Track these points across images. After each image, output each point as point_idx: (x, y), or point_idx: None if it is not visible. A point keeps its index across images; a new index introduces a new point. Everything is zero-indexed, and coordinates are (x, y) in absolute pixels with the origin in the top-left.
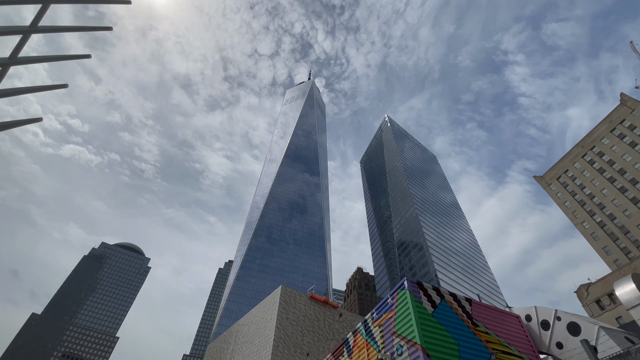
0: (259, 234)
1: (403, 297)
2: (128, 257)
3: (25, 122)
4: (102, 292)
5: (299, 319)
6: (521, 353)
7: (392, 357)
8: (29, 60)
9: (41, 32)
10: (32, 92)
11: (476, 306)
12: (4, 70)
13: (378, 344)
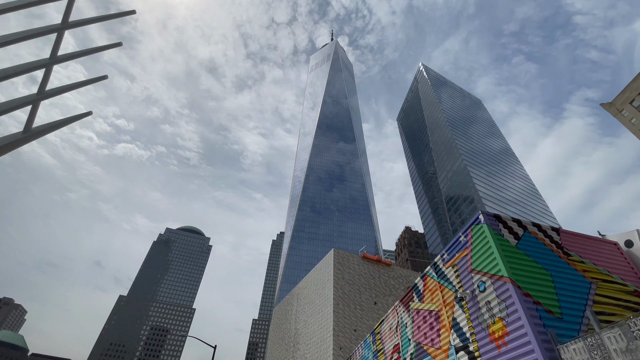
0: (304, 206)
1: (480, 233)
2: (191, 238)
3: (78, 117)
4: (174, 271)
5: (354, 278)
6: (625, 280)
7: (474, 294)
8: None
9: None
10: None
11: (565, 235)
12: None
13: (454, 284)
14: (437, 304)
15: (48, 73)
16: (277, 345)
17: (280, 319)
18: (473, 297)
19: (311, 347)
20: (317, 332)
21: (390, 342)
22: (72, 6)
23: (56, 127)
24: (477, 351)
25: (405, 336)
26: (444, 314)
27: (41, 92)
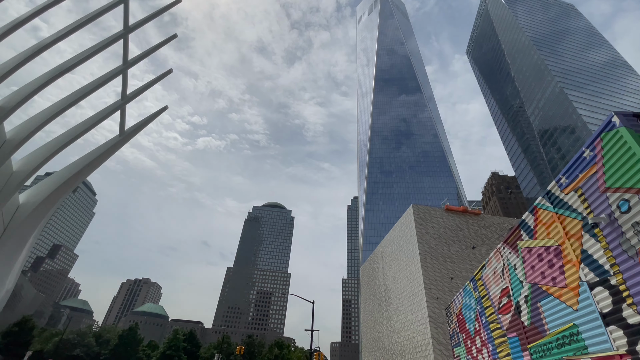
0: (373, 169)
1: (615, 140)
2: (275, 213)
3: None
4: (266, 242)
5: (439, 232)
6: None
7: (612, 218)
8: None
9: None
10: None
11: None
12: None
13: (579, 211)
14: (556, 238)
15: (125, 78)
16: (370, 300)
17: (368, 277)
18: (611, 221)
19: (404, 301)
20: (407, 286)
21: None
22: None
23: (143, 125)
24: (623, 284)
25: (515, 278)
26: (568, 248)
27: (124, 97)
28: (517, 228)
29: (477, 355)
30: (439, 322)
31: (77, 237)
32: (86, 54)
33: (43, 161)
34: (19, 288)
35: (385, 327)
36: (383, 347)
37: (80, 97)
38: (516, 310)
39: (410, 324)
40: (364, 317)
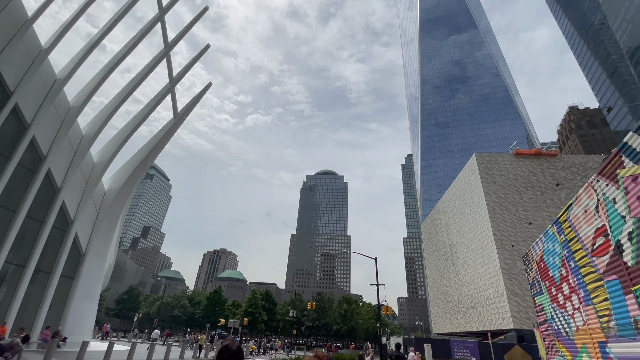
0: (427, 122)
1: None
2: (328, 180)
3: (202, 92)
4: (323, 208)
5: (509, 179)
6: None
7: None
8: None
9: (167, 12)
10: (192, 66)
11: None
12: (169, 60)
13: None
14: None
15: (169, 61)
16: (434, 256)
17: (430, 233)
18: None
19: (471, 254)
20: (475, 239)
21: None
22: None
23: (192, 104)
24: None
25: (614, 214)
26: None
27: (172, 80)
28: (616, 154)
29: (564, 303)
30: (512, 274)
31: (161, 218)
32: (130, 44)
33: (116, 151)
34: (123, 263)
35: (453, 281)
36: (452, 300)
37: (134, 87)
38: (616, 251)
39: (480, 277)
40: (429, 272)
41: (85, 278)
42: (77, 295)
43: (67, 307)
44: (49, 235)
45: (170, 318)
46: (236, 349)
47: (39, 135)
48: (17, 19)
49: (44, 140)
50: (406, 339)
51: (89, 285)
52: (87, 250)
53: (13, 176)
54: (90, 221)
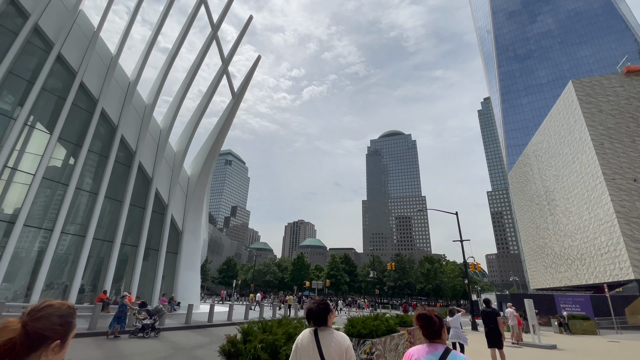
0: (504, 57)
1: None
2: (394, 141)
3: (254, 66)
4: (393, 171)
5: (619, 105)
6: None
7: None
8: (221, 18)
9: None
10: (240, 42)
11: None
12: (218, 40)
13: None
14: None
15: (218, 42)
16: (527, 207)
17: (519, 182)
18: None
19: (574, 200)
20: (578, 183)
21: None
22: None
23: (247, 81)
24: None
25: None
26: None
27: (224, 60)
28: None
29: None
30: (631, 217)
31: (244, 198)
32: (182, 34)
33: (190, 138)
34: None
35: (552, 233)
36: (552, 253)
37: (192, 76)
38: None
39: (587, 225)
40: (521, 225)
41: (185, 252)
42: (182, 267)
43: (176, 278)
44: (151, 218)
45: (263, 283)
46: (323, 302)
47: (126, 133)
48: (86, 30)
49: (131, 138)
50: (500, 295)
51: (190, 258)
52: (183, 228)
53: (113, 172)
54: (181, 203)
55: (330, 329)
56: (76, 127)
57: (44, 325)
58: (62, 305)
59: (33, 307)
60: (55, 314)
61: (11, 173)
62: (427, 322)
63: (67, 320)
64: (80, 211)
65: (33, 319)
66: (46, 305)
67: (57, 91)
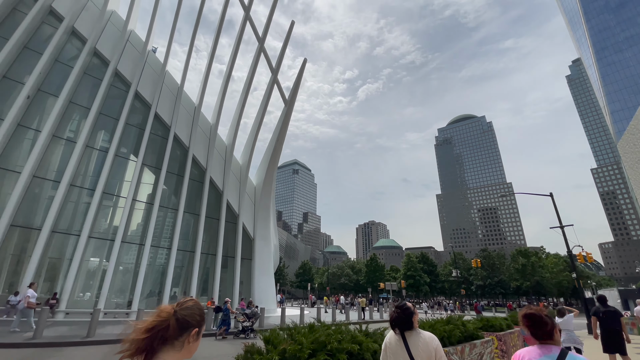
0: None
1: None
2: (465, 126)
3: (302, 70)
4: (468, 159)
5: None
6: None
7: None
8: (265, 31)
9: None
10: (286, 47)
11: None
12: (265, 52)
13: None
14: None
15: (266, 54)
16: None
17: (634, 152)
18: None
19: None
20: None
21: None
22: None
23: (296, 87)
24: None
25: None
26: None
27: (272, 69)
28: None
29: None
30: None
31: (313, 204)
32: (233, 53)
33: (252, 150)
34: (294, 244)
35: None
36: None
37: (247, 89)
38: None
39: None
40: None
41: (259, 258)
42: (257, 272)
43: (252, 283)
44: (225, 228)
45: (339, 285)
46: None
47: (196, 153)
48: (156, 67)
49: (201, 156)
50: (624, 291)
51: (263, 263)
52: (255, 235)
53: (189, 189)
54: (250, 212)
55: (417, 329)
56: (155, 153)
57: (188, 313)
58: (198, 302)
59: (180, 301)
60: (196, 307)
61: (105, 197)
62: (537, 322)
63: (202, 313)
64: (165, 226)
65: (181, 308)
66: (189, 299)
67: (137, 123)
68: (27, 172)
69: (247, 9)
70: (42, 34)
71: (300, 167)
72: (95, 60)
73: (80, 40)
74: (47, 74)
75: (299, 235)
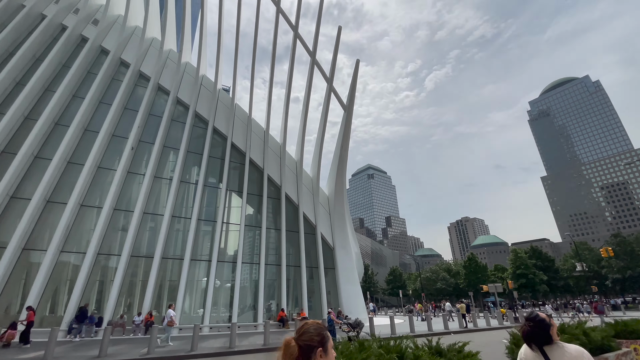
0: None
1: None
2: (566, 91)
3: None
4: (575, 129)
5: None
6: None
7: None
8: (315, 41)
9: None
10: (336, 57)
11: None
12: (317, 62)
13: None
14: None
15: (318, 65)
16: None
17: None
18: None
19: None
20: None
21: None
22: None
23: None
24: None
25: None
26: None
27: (327, 78)
28: None
29: None
30: None
31: (394, 207)
32: (289, 70)
33: (319, 161)
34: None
35: None
36: None
37: (307, 101)
38: None
39: None
40: None
41: (341, 266)
42: (341, 281)
43: (339, 292)
44: (305, 239)
45: (435, 291)
46: (535, 319)
47: (270, 172)
48: (227, 103)
49: (275, 174)
50: None
51: (347, 272)
52: (334, 244)
53: (268, 206)
54: (326, 221)
55: (559, 342)
56: (236, 178)
57: (307, 338)
58: (314, 322)
59: (298, 328)
60: (311, 329)
61: (201, 223)
62: None
63: (320, 332)
64: (254, 244)
65: (299, 335)
66: (303, 324)
67: (218, 154)
68: (137, 211)
69: (294, 27)
70: (136, 95)
71: (375, 171)
72: (179, 107)
73: (165, 92)
74: (144, 127)
75: (384, 241)
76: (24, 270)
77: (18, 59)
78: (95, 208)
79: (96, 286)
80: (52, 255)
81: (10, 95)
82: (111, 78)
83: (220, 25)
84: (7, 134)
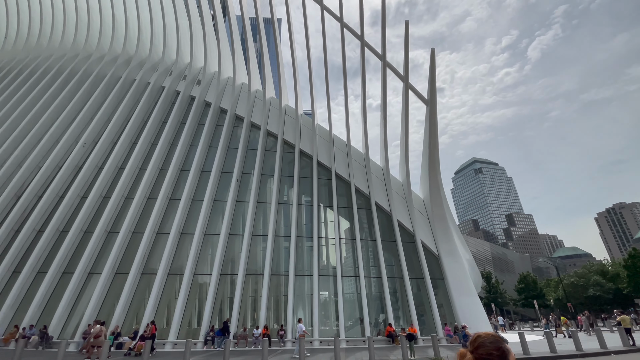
0: None
1: None
2: None
3: (432, 62)
4: None
5: None
6: None
7: None
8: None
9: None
10: (408, 49)
11: None
12: (387, 62)
13: None
14: None
15: (390, 66)
16: None
17: None
18: None
19: None
20: None
21: None
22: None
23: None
24: None
25: None
26: None
27: (401, 77)
28: None
29: None
30: None
31: (515, 202)
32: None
33: (407, 163)
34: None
35: None
36: None
37: (384, 106)
38: None
39: None
40: None
41: (450, 276)
42: (453, 292)
43: (452, 304)
44: (404, 249)
45: (587, 299)
46: None
47: (357, 183)
48: (308, 124)
49: (362, 185)
50: None
51: (459, 282)
52: (439, 252)
53: (359, 218)
54: (426, 227)
55: None
56: (325, 194)
57: (483, 351)
58: (488, 334)
59: (471, 340)
60: (486, 342)
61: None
62: None
63: (498, 346)
64: (354, 257)
65: (474, 348)
66: (477, 336)
67: (306, 174)
68: (247, 233)
69: (360, 37)
70: (235, 135)
71: (482, 164)
72: (270, 139)
73: (257, 127)
74: (244, 161)
75: (509, 243)
76: (168, 291)
77: (150, 124)
78: (215, 235)
79: (220, 303)
80: (188, 278)
81: (149, 153)
82: (215, 125)
83: (294, 61)
84: (150, 183)
